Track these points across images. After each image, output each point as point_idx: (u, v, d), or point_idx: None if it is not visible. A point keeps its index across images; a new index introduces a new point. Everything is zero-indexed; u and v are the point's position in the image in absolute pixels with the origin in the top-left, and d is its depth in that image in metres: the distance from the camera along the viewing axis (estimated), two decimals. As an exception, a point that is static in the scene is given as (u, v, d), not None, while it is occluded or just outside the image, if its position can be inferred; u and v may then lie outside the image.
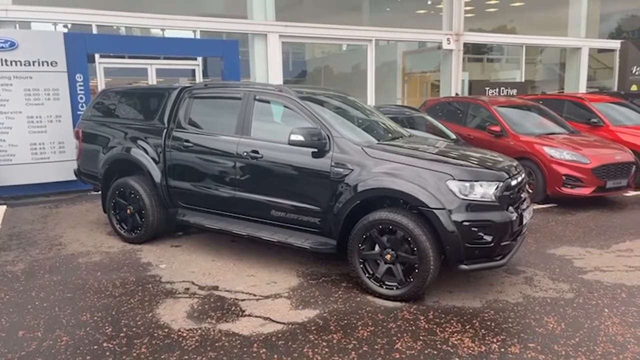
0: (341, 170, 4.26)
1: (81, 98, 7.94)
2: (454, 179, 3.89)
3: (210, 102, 5.40)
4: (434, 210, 3.83)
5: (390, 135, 5.20)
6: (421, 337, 3.46)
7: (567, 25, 16.95)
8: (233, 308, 3.94)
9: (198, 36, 10.87)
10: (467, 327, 3.62)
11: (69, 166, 7.30)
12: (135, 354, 3.24)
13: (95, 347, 3.35)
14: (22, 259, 5.13)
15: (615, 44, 17.43)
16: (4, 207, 7.33)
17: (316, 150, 4.37)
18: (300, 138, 4.27)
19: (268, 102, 4.98)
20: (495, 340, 3.41)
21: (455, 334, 3.51)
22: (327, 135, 4.37)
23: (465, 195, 3.87)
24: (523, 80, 15.38)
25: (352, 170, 4.22)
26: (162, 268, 4.85)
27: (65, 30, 10.60)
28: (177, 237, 5.84)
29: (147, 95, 5.94)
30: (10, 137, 7.53)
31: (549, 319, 3.74)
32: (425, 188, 3.91)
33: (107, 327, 3.62)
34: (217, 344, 3.37)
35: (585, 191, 7.21)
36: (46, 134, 7.75)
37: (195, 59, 9.33)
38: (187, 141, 5.14)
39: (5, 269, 4.82)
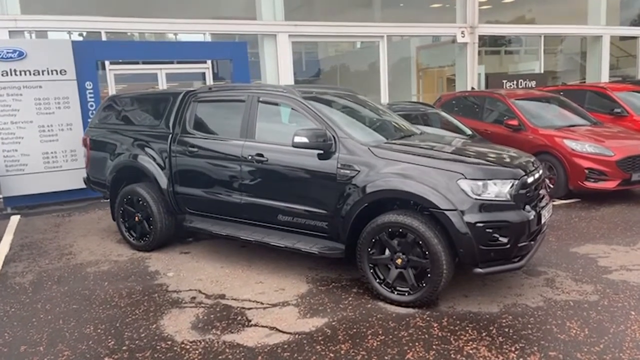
0: (347, 171, 4.09)
1: (91, 106, 7.91)
2: (466, 178, 3.69)
3: (214, 105, 5.29)
4: (445, 212, 3.64)
5: (400, 133, 5.01)
6: (434, 347, 3.28)
7: (587, 13, 16.43)
8: (239, 318, 3.82)
9: (209, 39, 10.81)
10: (484, 334, 3.43)
11: (81, 174, 7.25)
12: (135, 369, 3.15)
13: (97, 361, 3.26)
14: (31, 269, 5.09)
15: (638, 31, 16.84)
16: (18, 217, 7.35)
17: (322, 151, 4.22)
18: (304, 140, 4.13)
19: (272, 103, 4.83)
20: (513, 349, 3.21)
21: (471, 342, 3.32)
22: (333, 136, 4.21)
23: (478, 195, 3.67)
24: (542, 72, 14.94)
25: (359, 171, 4.05)
26: (169, 276, 4.76)
27: (81, 38, 10.66)
28: (187, 243, 5.76)
29: (152, 100, 5.86)
30: (22, 147, 7.53)
31: (571, 324, 3.53)
32: (436, 188, 3.72)
33: (109, 340, 3.53)
34: (220, 357, 3.25)
35: (610, 185, 6.91)
36: (58, 142, 7.75)
37: (205, 62, 9.26)
38: (193, 146, 5.05)
39: (13, 281, 4.79)
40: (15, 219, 7.21)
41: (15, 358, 3.35)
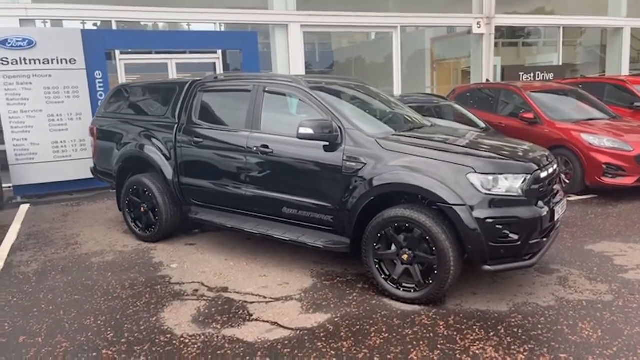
0: (353, 164, 3.98)
1: (100, 95, 7.88)
2: (475, 172, 3.55)
3: (220, 95, 5.20)
4: (454, 207, 3.51)
5: (410, 125, 4.87)
6: (439, 346, 3.17)
7: (608, 5, 15.99)
8: (240, 312, 3.74)
9: (223, 29, 10.70)
10: (491, 334, 3.31)
11: (90, 164, 7.27)
12: (132, 363, 3.09)
13: (94, 354, 3.21)
14: (37, 259, 5.08)
15: (660, 24, 16.35)
16: (27, 205, 7.37)
17: (327, 143, 4.10)
18: (309, 131, 4.01)
19: (278, 93, 4.73)
20: (521, 350, 3.09)
21: (477, 342, 3.20)
22: (339, 127, 4.09)
23: (489, 190, 3.53)
24: (561, 64, 14.59)
25: (366, 164, 3.93)
26: (173, 268, 4.70)
27: (95, 28, 10.65)
28: (192, 235, 5.70)
29: (158, 90, 5.79)
30: (31, 136, 7.54)
31: (583, 325, 3.38)
32: (445, 182, 3.59)
33: (109, 332, 3.48)
34: (219, 352, 3.18)
35: (628, 181, 6.69)
36: (67, 131, 7.75)
37: (215, 52, 9.17)
38: (198, 136, 4.97)
39: (18, 270, 4.77)
40: (24, 208, 7.24)
41: (14, 349, 3.31)
